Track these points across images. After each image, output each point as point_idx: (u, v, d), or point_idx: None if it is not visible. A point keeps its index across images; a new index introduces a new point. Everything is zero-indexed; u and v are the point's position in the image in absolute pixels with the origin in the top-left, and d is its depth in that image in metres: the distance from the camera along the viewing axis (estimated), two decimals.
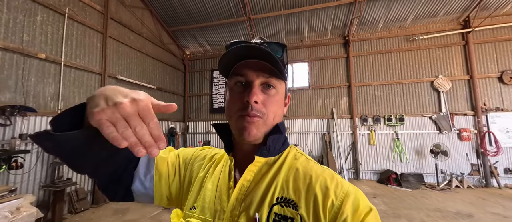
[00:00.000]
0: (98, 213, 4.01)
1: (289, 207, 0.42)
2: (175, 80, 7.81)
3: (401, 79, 6.41)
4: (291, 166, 0.48)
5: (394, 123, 6.27)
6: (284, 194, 0.44)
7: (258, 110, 0.45)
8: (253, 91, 0.44)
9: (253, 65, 0.45)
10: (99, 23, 4.90)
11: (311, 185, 0.43)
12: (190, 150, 0.63)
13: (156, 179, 0.54)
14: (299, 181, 0.45)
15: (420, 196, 4.81)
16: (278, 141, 0.49)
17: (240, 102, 0.45)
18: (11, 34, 3.39)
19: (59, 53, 4.06)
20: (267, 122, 0.46)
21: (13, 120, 3.33)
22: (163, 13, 6.80)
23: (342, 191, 0.42)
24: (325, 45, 7.16)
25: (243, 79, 0.46)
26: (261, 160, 0.47)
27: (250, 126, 0.44)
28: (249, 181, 0.47)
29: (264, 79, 0.46)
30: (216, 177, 0.53)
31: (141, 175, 0.52)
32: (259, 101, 0.45)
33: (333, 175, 0.46)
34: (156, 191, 0.54)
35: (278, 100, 0.48)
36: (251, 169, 0.47)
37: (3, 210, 1.81)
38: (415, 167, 6.05)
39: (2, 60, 3.27)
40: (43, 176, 3.67)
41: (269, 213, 0.43)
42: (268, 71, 0.46)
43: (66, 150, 0.34)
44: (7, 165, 3.05)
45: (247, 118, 0.44)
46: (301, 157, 0.50)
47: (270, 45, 0.48)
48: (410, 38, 6.39)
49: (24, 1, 3.57)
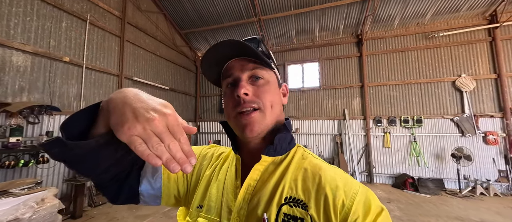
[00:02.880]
0: (115, 207, 4.23)
1: (299, 207, 0.41)
2: (187, 81, 8.04)
3: (419, 78, 6.08)
4: (299, 166, 0.47)
5: (411, 125, 5.95)
6: (292, 194, 0.43)
7: (251, 101, 0.45)
8: (241, 84, 0.45)
9: (236, 64, 0.47)
10: (117, 28, 5.19)
11: (320, 185, 0.42)
12: (197, 148, 0.62)
13: (164, 179, 0.51)
14: (308, 181, 0.44)
15: (439, 202, 4.52)
16: (285, 139, 0.49)
17: (233, 100, 0.46)
18: (40, 40, 3.71)
19: (81, 56, 4.35)
20: (265, 112, 0.46)
21: (41, 119, 3.63)
22: (176, 16, 7.04)
23: (352, 191, 0.41)
24: (337, 45, 6.99)
25: (231, 80, 0.48)
26: (268, 159, 0.47)
27: (250, 122, 0.44)
28: (256, 180, 0.46)
29: (250, 72, 0.47)
30: (222, 176, 0.52)
31: (149, 176, 0.49)
32: (249, 92, 0.45)
33: (342, 174, 0.45)
34: (164, 191, 0.52)
35: (270, 90, 0.48)
36: (257, 168, 0.46)
37: (30, 201, 1.98)
38: (434, 172, 5.70)
39: (32, 63, 3.58)
40: (66, 171, 3.95)
41: (278, 213, 0.42)
42: (251, 63, 0.47)
43: (75, 155, 0.32)
44: (35, 159, 3.33)
45: (244, 116, 0.44)
46: (308, 156, 0.49)
47: (249, 41, 0.49)
48: (429, 35, 6.04)
49: (51, 9, 3.88)
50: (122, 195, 0.46)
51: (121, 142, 0.29)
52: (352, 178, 0.45)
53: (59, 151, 0.30)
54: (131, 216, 3.83)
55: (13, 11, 3.38)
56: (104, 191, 0.45)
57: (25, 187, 2.25)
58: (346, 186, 0.41)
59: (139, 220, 3.69)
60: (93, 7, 4.64)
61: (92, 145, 0.31)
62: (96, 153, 0.34)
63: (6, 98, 3.24)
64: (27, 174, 3.40)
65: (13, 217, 1.84)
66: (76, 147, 0.31)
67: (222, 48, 0.44)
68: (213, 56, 0.46)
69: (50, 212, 2.10)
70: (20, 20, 3.46)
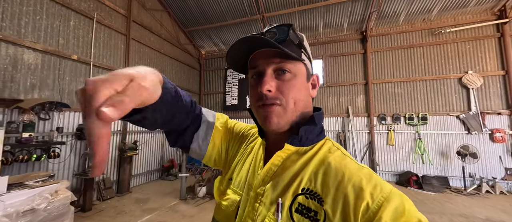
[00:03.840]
0: (122, 201, 4.36)
1: (314, 201, 0.41)
2: (191, 79, 8.12)
3: (424, 75, 6.01)
4: (324, 159, 0.45)
5: (416, 122, 5.91)
6: (310, 186, 0.43)
7: (273, 97, 0.44)
8: (264, 80, 0.44)
9: (263, 54, 0.46)
10: (122, 26, 5.27)
11: (342, 183, 0.40)
12: (242, 126, 0.67)
13: (210, 147, 0.60)
14: (329, 176, 0.42)
15: (444, 200, 4.51)
16: (312, 131, 0.47)
17: (256, 93, 0.46)
18: (49, 38, 3.81)
19: (88, 54, 4.45)
20: (287, 109, 0.45)
21: (51, 115, 3.75)
22: (180, 14, 7.09)
23: (381, 195, 0.37)
24: (341, 42, 6.94)
25: (256, 71, 0.47)
26: (291, 148, 0.46)
27: (270, 115, 0.44)
28: (277, 166, 0.47)
29: (276, 65, 0.45)
30: (251, 157, 0.56)
31: (200, 140, 0.59)
32: (272, 89, 0.44)
33: (371, 175, 0.40)
34: (207, 155, 0.61)
35: (296, 84, 0.46)
36: (279, 154, 0.47)
37: (45, 192, 2.07)
38: (439, 170, 5.66)
39: (42, 61, 3.68)
40: (76, 165, 4.08)
41: (293, 201, 0.42)
42: (278, 56, 0.44)
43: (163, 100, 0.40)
44: (47, 154, 3.45)
45: (265, 108, 0.45)
46: (336, 151, 0.46)
47: (278, 29, 0.46)
48: (435, 32, 5.95)
49: (60, 8, 3.98)
50: (177, 144, 0.58)
51: None
52: (382, 180, 0.40)
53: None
54: (138, 210, 3.94)
55: (24, 10, 3.48)
56: (167, 137, 0.57)
57: (39, 179, 2.35)
58: (373, 188, 0.38)
59: (146, 213, 3.80)
60: (99, 5, 4.72)
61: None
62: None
63: (18, 95, 3.35)
64: (39, 168, 3.52)
65: (30, 207, 1.93)
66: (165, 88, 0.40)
67: (248, 42, 0.44)
68: (239, 49, 0.46)
69: (63, 203, 2.19)
70: (31, 19, 3.56)
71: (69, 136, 4.01)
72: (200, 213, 3.84)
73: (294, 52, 0.44)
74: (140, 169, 5.74)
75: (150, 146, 6.14)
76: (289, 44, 0.45)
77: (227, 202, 0.53)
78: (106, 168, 4.67)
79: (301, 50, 0.48)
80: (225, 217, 0.52)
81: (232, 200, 0.52)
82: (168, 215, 3.76)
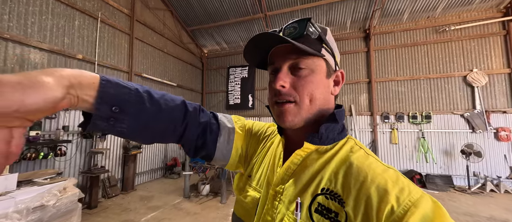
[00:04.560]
0: (127, 199, 4.42)
1: (335, 201, 0.39)
2: (193, 78, 8.15)
3: (428, 74, 5.97)
4: (345, 159, 0.43)
5: (420, 121, 5.87)
6: (330, 186, 0.41)
7: (287, 94, 0.44)
8: (278, 76, 0.44)
9: (280, 51, 0.45)
10: (126, 26, 5.31)
11: (364, 185, 0.37)
12: (260, 125, 0.68)
13: (233, 153, 0.61)
14: (350, 177, 0.40)
15: (447, 198, 4.49)
16: (333, 130, 0.45)
17: (272, 90, 0.46)
18: (55, 38, 3.85)
19: (93, 54, 4.50)
20: (302, 106, 0.44)
21: (57, 114, 3.80)
22: (183, 13, 7.11)
23: (409, 199, 0.34)
24: (344, 40, 6.91)
25: (273, 67, 0.47)
26: (311, 146, 0.45)
27: (284, 113, 0.44)
28: (296, 164, 0.46)
29: (292, 61, 0.44)
30: (270, 154, 0.56)
31: (223, 149, 0.59)
32: (286, 85, 0.44)
33: (398, 177, 0.37)
34: (231, 161, 0.62)
35: (313, 81, 0.44)
36: (298, 153, 0.46)
37: (53, 189, 2.12)
38: (443, 168, 5.63)
39: (48, 61, 3.73)
40: (82, 163, 4.14)
41: (312, 201, 0.41)
42: (295, 52, 0.43)
43: None
44: (53, 152, 3.51)
45: (278, 106, 0.45)
46: (359, 151, 0.44)
47: (298, 24, 0.45)
48: (439, 29, 5.89)
49: (65, 8, 4.02)
50: (199, 154, 0.58)
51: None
52: (411, 183, 0.37)
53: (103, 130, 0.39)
54: (143, 207, 3.99)
55: (30, 10, 3.52)
56: (184, 149, 0.57)
57: (47, 177, 2.39)
58: (400, 192, 0.35)
59: (151, 211, 3.84)
60: (103, 5, 4.76)
61: (101, 107, 0.38)
62: (130, 125, 0.42)
63: None
64: (46, 166, 3.58)
65: (39, 203, 1.97)
66: (102, 119, 0.38)
67: (263, 38, 0.43)
68: (255, 44, 0.45)
69: (71, 200, 2.23)
70: (37, 19, 3.60)
71: (75, 134, 4.07)
72: (204, 210, 3.88)
73: (313, 47, 0.43)
74: (144, 167, 5.80)
75: (154, 144, 6.18)
76: (308, 39, 0.44)
77: (247, 198, 0.54)
78: (110, 166, 4.73)
79: (322, 45, 0.45)
80: (245, 213, 0.53)
81: (251, 196, 0.53)
82: (172, 212, 3.80)
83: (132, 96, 0.41)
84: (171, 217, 3.62)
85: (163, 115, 0.46)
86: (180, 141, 0.53)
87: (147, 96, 0.43)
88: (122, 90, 0.40)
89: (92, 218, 3.49)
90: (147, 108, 0.43)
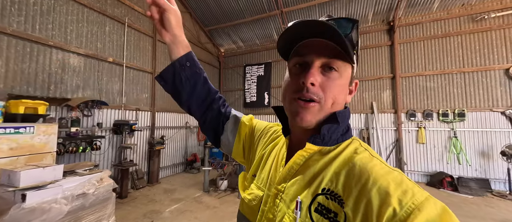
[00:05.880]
0: (153, 191, 4.76)
1: (334, 202, 0.39)
2: (211, 77, 8.39)
3: (462, 67, 5.44)
4: (348, 160, 0.42)
5: (452, 119, 5.40)
6: (331, 186, 0.41)
7: (314, 93, 0.42)
8: (311, 72, 0.41)
9: (314, 44, 0.41)
10: (150, 29, 5.64)
11: (366, 186, 0.37)
12: (263, 124, 0.70)
13: (236, 139, 0.68)
14: (351, 178, 0.39)
15: (483, 204, 4.10)
16: (335, 131, 0.45)
17: (296, 84, 0.43)
18: (90, 43, 4.25)
19: (121, 56, 4.87)
20: (324, 108, 0.43)
21: (93, 112, 4.21)
22: (201, 14, 7.34)
23: (412, 202, 0.32)
24: (364, 34, 6.57)
25: (301, 60, 0.44)
26: (313, 147, 0.45)
27: (304, 111, 0.42)
28: (299, 165, 0.47)
29: (326, 60, 0.42)
30: (274, 154, 0.57)
31: (228, 131, 0.69)
32: (316, 83, 0.41)
33: (402, 180, 0.36)
34: (235, 148, 0.69)
35: (340, 85, 0.43)
36: (301, 153, 0.46)
37: (92, 179, 2.38)
38: (479, 171, 5.13)
39: (84, 64, 4.14)
40: (113, 157, 4.55)
41: (312, 200, 0.42)
42: (330, 52, 0.41)
43: (181, 76, 0.65)
44: (90, 146, 3.91)
45: (300, 102, 0.43)
46: (363, 152, 0.43)
47: (338, 22, 0.43)
48: (477, 18, 5.32)
49: (97, 15, 4.40)
50: (209, 137, 0.73)
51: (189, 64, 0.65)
52: (416, 186, 0.36)
53: (172, 73, 0.64)
54: (167, 199, 4.28)
55: (69, 19, 3.93)
56: (206, 134, 0.73)
57: (87, 168, 2.69)
58: (403, 194, 0.34)
59: (174, 202, 4.10)
60: (130, 11, 5.11)
61: (182, 59, 0.64)
62: (189, 77, 0.65)
63: (67, 95, 3.83)
64: (84, 159, 4.01)
65: (81, 191, 2.24)
66: (179, 64, 0.64)
67: (312, 26, 0.40)
68: (298, 30, 0.42)
69: (107, 190, 2.49)
70: (74, 26, 4.01)
71: (107, 131, 4.47)
72: (222, 205, 4.04)
73: (346, 52, 0.40)
74: (167, 161, 6.18)
75: (175, 141, 6.54)
76: (345, 42, 0.41)
77: (251, 196, 0.55)
78: (137, 160, 5.12)
79: (354, 52, 0.44)
80: (249, 211, 0.55)
81: (255, 194, 0.54)
82: (193, 205, 4.02)
83: (198, 67, 0.67)
84: (193, 209, 3.83)
85: (205, 86, 0.68)
86: (203, 115, 0.70)
87: (204, 74, 0.69)
88: (196, 62, 0.67)
89: (123, 206, 3.84)
90: (199, 76, 0.67)
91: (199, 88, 0.67)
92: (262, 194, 0.53)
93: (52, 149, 2.90)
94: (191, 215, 3.61)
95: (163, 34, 0.63)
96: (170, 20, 0.61)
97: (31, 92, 3.36)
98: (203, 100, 0.69)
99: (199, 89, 0.67)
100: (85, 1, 4.13)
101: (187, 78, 0.65)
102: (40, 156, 2.76)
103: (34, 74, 3.43)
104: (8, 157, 2.48)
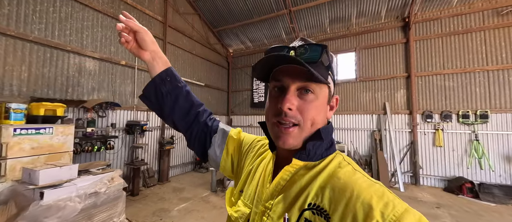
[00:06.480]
0: (163, 189, 4.91)
1: (321, 217, 0.40)
2: (220, 77, 8.48)
3: (485, 65, 5.06)
4: (332, 174, 0.44)
5: (473, 121, 5.05)
6: (317, 201, 0.42)
7: (293, 116, 0.44)
8: (286, 98, 0.44)
9: (289, 70, 0.44)
10: (160, 32, 5.80)
11: (351, 200, 0.39)
12: (250, 138, 0.70)
13: (224, 153, 0.67)
14: (336, 192, 0.41)
15: (507, 213, 3.80)
16: (320, 146, 0.47)
17: (275, 108, 0.45)
18: (104, 47, 4.45)
19: (133, 59, 5.05)
20: (304, 129, 0.45)
21: (107, 113, 4.42)
22: (209, 15, 7.43)
23: (393, 214, 0.35)
24: (377, 31, 6.31)
25: (279, 84, 0.46)
26: (299, 162, 0.47)
27: (285, 136, 0.44)
28: (285, 180, 0.48)
29: (301, 83, 0.44)
30: (261, 169, 0.57)
31: (216, 145, 0.68)
32: (293, 108, 0.44)
33: (383, 193, 0.39)
34: (222, 162, 0.68)
35: (317, 106, 0.45)
36: (287, 169, 0.48)
37: (104, 179, 2.50)
38: (503, 177, 4.76)
39: (99, 67, 4.34)
40: (126, 156, 4.74)
41: (299, 217, 0.42)
42: (304, 75, 0.43)
43: (162, 91, 0.65)
44: (104, 146, 4.10)
45: (281, 128, 0.44)
46: (346, 166, 0.45)
47: (310, 47, 0.45)
48: (502, 11, 4.91)
49: (111, 20, 4.59)
50: (198, 152, 0.71)
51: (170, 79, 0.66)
52: (396, 198, 0.38)
53: (153, 89, 0.65)
54: (176, 198, 4.39)
55: (84, 25, 4.14)
56: (192, 148, 0.71)
57: (100, 167, 2.82)
58: (385, 207, 0.36)
59: (182, 201, 4.21)
60: (141, 14, 5.29)
61: (162, 74, 0.65)
62: (169, 91, 0.65)
63: (83, 97, 4.04)
64: (99, 158, 4.22)
65: (94, 190, 2.36)
66: (159, 79, 0.65)
67: (278, 56, 0.43)
68: (268, 61, 0.45)
69: (117, 189, 2.60)
70: (90, 32, 4.21)
71: (120, 131, 4.67)
72: None
73: (322, 74, 0.44)
74: (177, 161, 6.34)
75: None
76: (319, 65, 0.45)
77: (237, 213, 0.54)
78: (148, 159, 5.30)
79: (329, 72, 0.47)
80: None
81: (242, 212, 0.54)
82: (200, 205, 4.09)
83: (179, 81, 0.68)
84: (200, 209, 3.91)
85: (188, 98, 0.68)
86: (189, 128, 0.69)
87: (186, 87, 0.69)
88: (177, 76, 0.68)
89: (134, 204, 4.00)
90: (181, 89, 0.67)
91: (181, 101, 0.67)
92: (249, 211, 0.52)
93: (70, 149, 3.09)
94: (198, 214, 3.68)
95: (141, 53, 0.64)
96: (145, 39, 0.63)
97: (50, 95, 3.59)
98: (187, 113, 0.68)
99: (181, 102, 0.67)
100: (99, 7, 4.33)
101: (168, 93, 0.65)
102: (58, 155, 2.95)
103: (53, 78, 3.65)
104: (30, 156, 2.68)
